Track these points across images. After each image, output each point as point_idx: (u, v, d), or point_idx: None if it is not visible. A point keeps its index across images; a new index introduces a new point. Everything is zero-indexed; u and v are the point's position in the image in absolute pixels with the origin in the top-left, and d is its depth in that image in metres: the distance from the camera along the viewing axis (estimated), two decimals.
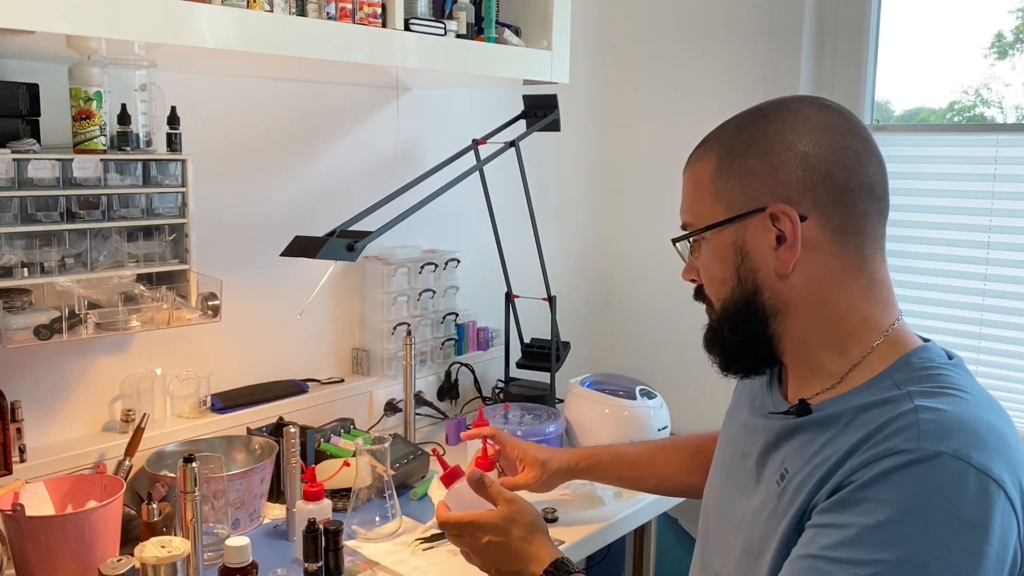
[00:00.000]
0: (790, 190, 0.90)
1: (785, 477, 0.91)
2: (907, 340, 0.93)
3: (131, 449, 1.48)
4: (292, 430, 1.46)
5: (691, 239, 0.97)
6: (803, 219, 0.89)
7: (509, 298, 2.08)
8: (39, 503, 1.29)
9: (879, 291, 0.94)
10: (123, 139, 1.36)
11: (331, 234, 1.61)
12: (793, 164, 0.90)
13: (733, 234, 0.92)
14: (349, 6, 1.43)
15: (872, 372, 0.90)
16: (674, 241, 0.99)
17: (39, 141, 1.32)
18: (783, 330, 0.94)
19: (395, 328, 1.94)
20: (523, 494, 1.22)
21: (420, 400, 2.01)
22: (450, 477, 1.19)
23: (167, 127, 1.45)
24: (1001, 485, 0.77)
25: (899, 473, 0.78)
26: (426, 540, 1.46)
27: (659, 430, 1.88)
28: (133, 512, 1.38)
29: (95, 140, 1.33)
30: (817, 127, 0.91)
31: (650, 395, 1.92)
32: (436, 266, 2.02)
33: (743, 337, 0.95)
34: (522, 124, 2.04)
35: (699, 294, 1.01)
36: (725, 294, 0.95)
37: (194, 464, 1.21)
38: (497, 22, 1.76)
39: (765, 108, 0.95)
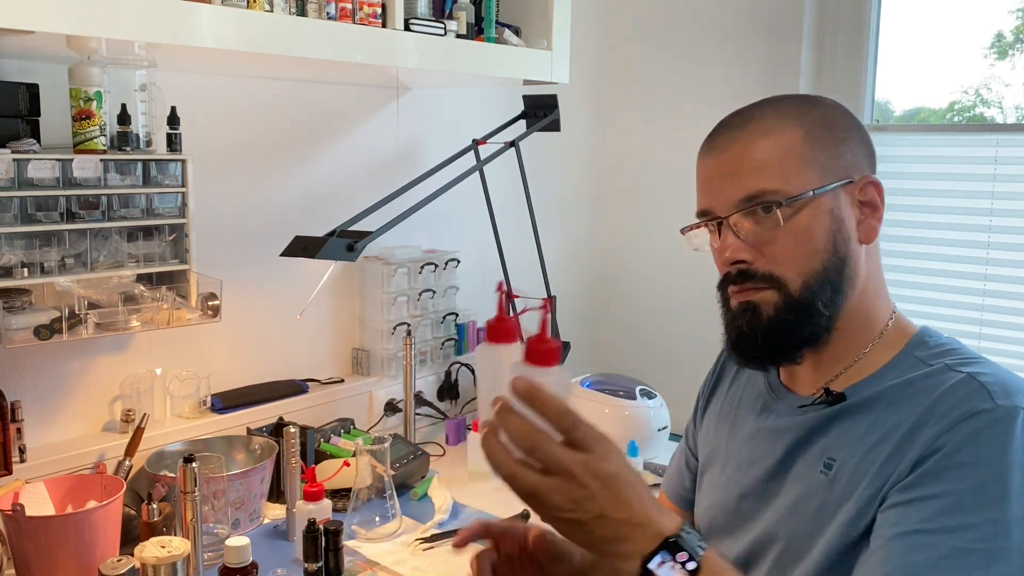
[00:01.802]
0: (867, 166, 0.95)
1: (832, 466, 0.90)
2: (909, 324, 0.98)
3: (131, 449, 1.48)
4: (292, 430, 1.46)
5: (780, 207, 0.90)
6: None
7: (509, 298, 2.08)
8: (39, 503, 1.29)
9: (882, 274, 0.99)
10: (123, 139, 1.36)
11: (331, 234, 1.61)
12: (862, 145, 0.96)
13: (831, 200, 0.92)
14: (349, 6, 1.43)
15: (888, 353, 0.93)
16: (775, 206, 0.90)
17: (39, 141, 1.32)
18: (845, 303, 0.93)
19: (395, 328, 1.94)
20: None
21: (420, 400, 2.01)
22: (539, 353, 0.74)
23: (167, 127, 1.45)
24: None
25: (986, 432, 0.80)
26: (426, 540, 1.46)
27: (659, 430, 1.89)
28: (133, 512, 1.38)
29: (95, 140, 1.33)
30: (855, 118, 0.98)
31: (650, 395, 1.93)
32: (436, 266, 2.02)
33: (830, 310, 0.92)
34: (522, 124, 2.04)
35: (744, 276, 0.93)
36: (815, 265, 0.91)
37: (194, 464, 1.21)
38: (497, 22, 1.76)
39: (811, 96, 1.00)
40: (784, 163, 0.92)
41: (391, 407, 1.96)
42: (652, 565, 0.68)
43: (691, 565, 0.68)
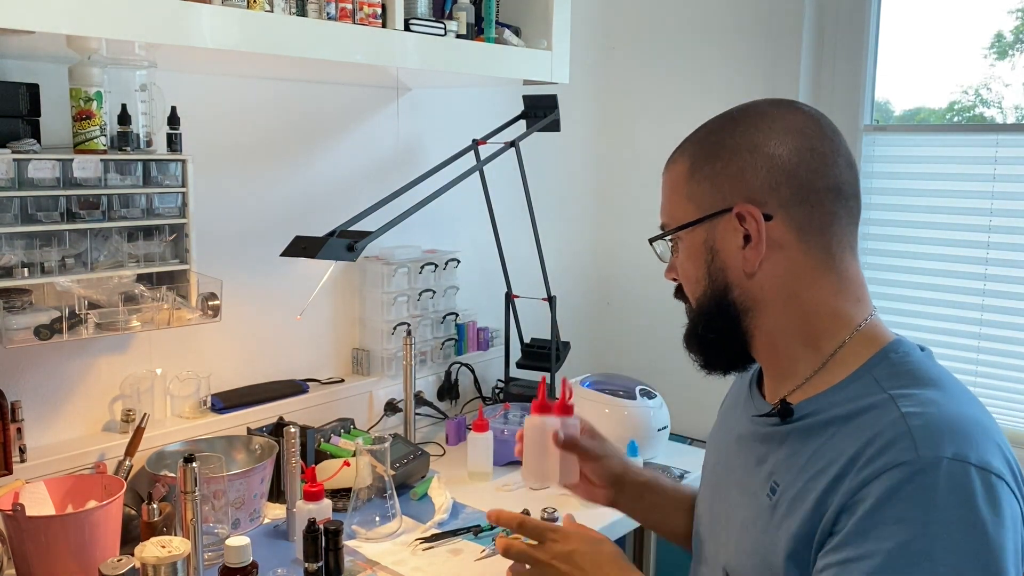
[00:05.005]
0: (755, 190, 0.91)
1: (776, 491, 0.91)
2: (880, 335, 0.93)
3: (131, 449, 1.48)
4: (292, 430, 1.46)
5: (670, 239, 1.01)
6: (768, 218, 0.91)
7: (509, 298, 2.08)
8: (39, 503, 1.29)
9: (850, 288, 0.94)
10: (123, 139, 1.36)
11: (331, 234, 1.61)
12: (759, 165, 0.92)
13: (704, 233, 0.95)
14: (349, 6, 1.43)
15: (849, 368, 0.90)
16: (651, 241, 1.04)
17: (39, 141, 1.32)
18: (755, 327, 0.95)
19: (395, 328, 1.94)
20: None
21: (420, 400, 2.01)
22: (542, 408, 1.12)
23: (167, 127, 1.45)
24: (1001, 476, 0.79)
25: (907, 487, 0.78)
26: (426, 540, 1.46)
27: (659, 430, 1.89)
28: (133, 512, 1.38)
29: (95, 140, 1.33)
30: (783, 129, 0.93)
31: (650, 395, 1.92)
32: (436, 266, 2.02)
33: (717, 334, 0.97)
34: (522, 124, 2.04)
35: (679, 293, 1.04)
36: (699, 292, 0.98)
37: (194, 464, 1.21)
38: (497, 22, 1.76)
39: (735, 112, 0.97)
40: (671, 198, 1.00)
41: (391, 407, 1.96)
42: None
43: None
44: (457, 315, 2.11)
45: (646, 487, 1.19)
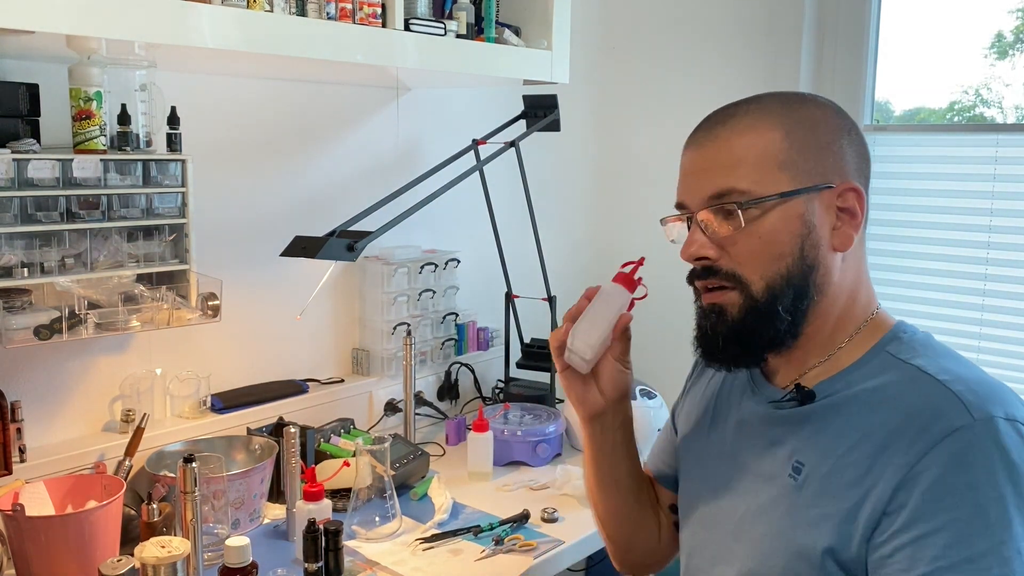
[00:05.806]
0: (851, 171, 0.92)
1: (801, 470, 0.90)
2: (887, 320, 0.96)
3: (131, 449, 1.48)
4: (292, 430, 1.46)
5: (744, 208, 0.90)
6: None
7: (509, 298, 2.08)
8: (39, 503, 1.29)
9: (868, 277, 0.98)
10: (123, 139, 1.36)
11: (331, 234, 1.61)
12: (851, 148, 0.93)
13: (803, 205, 0.90)
14: (349, 6, 1.43)
15: (861, 349, 0.93)
16: (740, 206, 0.90)
17: (39, 141, 1.32)
18: (812, 311, 0.92)
19: (395, 328, 1.94)
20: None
21: (420, 400, 2.01)
22: (628, 283, 1.13)
23: (167, 127, 1.45)
24: None
25: (970, 453, 0.79)
26: (426, 540, 1.46)
27: (659, 430, 1.88)
28: (133, 512, 1.38)
29: (95, 140, 1.33)
30: (850, 120, 0.95)
31: (650, 395, 1.92)
32: (436, 266, 2.02)
33: (792, 316, 0.91)
34: (522, 124, 2.04)
35: (708, 273, 0.94)
36: (778, 269, 0.90)
37: (194, 464, 1.21)
38: (497, 22, 1.76)
39: (803, 94, 0.97)
40: (756, 163, 0.91)
41: (391, 407, 1.96)
42: None
43: None
44: (457, 315, 2.11)
45: (628, 421, 1.15)
